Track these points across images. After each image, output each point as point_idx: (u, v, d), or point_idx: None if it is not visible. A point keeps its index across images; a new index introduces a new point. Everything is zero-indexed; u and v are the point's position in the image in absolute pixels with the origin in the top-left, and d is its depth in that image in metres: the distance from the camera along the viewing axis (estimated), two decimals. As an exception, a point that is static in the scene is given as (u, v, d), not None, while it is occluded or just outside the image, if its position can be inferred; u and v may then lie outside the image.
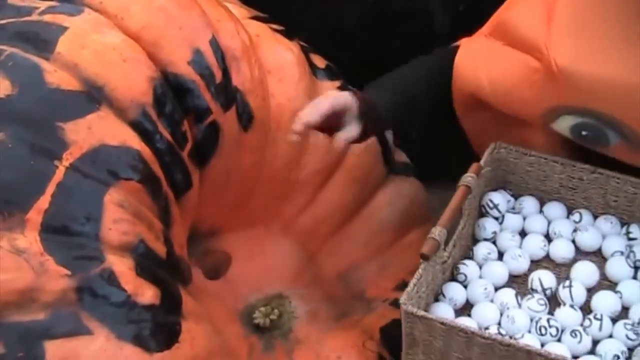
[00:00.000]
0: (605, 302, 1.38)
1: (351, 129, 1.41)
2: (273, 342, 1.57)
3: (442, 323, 1.25)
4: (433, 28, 2.11)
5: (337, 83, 1.74)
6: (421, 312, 1.26)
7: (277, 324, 1.60)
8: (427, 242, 1.32)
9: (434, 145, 1.91)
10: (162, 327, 1.25)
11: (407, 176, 1.82)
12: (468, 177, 1.44)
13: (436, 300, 1.40)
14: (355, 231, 1.74)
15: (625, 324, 1.33)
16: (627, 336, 1.32)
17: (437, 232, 1.34)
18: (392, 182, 1.78)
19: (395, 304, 1.39)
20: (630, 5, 1.33)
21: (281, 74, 1.61)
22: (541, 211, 1.55)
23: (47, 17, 1.39)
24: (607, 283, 1.44)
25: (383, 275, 1.72)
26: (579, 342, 1.31)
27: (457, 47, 1.55)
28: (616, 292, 1.40)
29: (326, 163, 1.66)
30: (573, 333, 1.31)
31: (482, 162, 1.48)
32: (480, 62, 1.48)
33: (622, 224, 1.51)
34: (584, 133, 1.41)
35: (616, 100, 1.33)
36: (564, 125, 1.42)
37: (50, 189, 1.21)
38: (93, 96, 1.32)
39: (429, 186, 1.85)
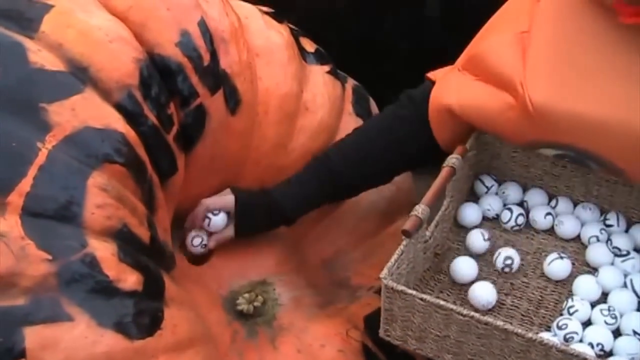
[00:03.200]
0: (585, 287, 1.40)
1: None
2: (256, 329, 1.56)
3: (421, 299, 1.25)
4: (424, 11, 2.09)
5: (327, 67, 1.72)
6: (401, 287, 1.26)
7: (260, 311, 1.58)
8: (410, 219, 1.32)
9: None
10: (144, 314, 1.23)
11: (394, 163, 1.81)
12: (453, 159, 1.43)
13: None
14: (341, 218, 1.73)
15: (601, 309, 1.34)
16: (605, 322, 1.33)
17: (420, 210, 1.33)
18: (380, 169, 1.77)
19: (380, 292, 1.38)
20: (604, 43, 1.33)
21: (270, 57, 1.59)
22: (524, 200, 1.56)
23: (32, -6, 1.36)
24: (586, 269, 1.45)
25: (368, 263, 1.71)
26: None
27: (428, 84, 1.55)
28: (596, 278, 1.42)
29: (313, 148, 1.64)
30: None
31: (467, 145, 1.48)
32: (453, 96, 1.46)
33: (602, 213, 1.52)
34: (566, 160, 1.45)
35: (594, 136, 1.34)
36: (546, 152, 1.45)
37: (32, 171, 1.19)
38: (77, 77, 1.29)
39: (416, 174, 1.83)
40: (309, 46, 1.72)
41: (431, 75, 1.57)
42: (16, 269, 1.14)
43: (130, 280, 1.23)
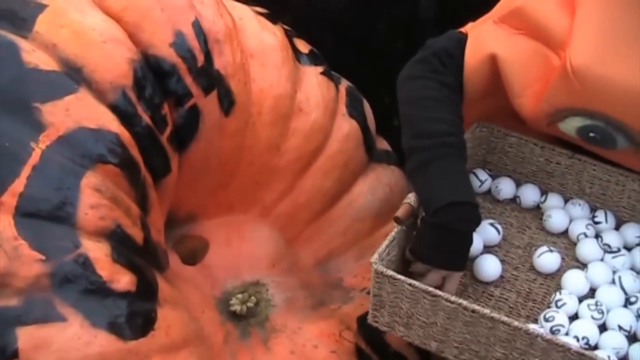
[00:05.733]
0: (573, 281, 1.40)
1: None
2: (249, 329, 1.56)
3: (410, 284, 1.25)
4: (418, 13, 2.10)
5: (320, 68, 1.72)
6: (390, 272, 1.27)
7: (253, 312, 1.58)
8: (402, 207, 1.33)
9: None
10: (138, 314, 1.23)
11: (387, 164, 1.81)
12: None
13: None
14: (334, 219, 1.72)
15: (588, 304, 1.35)
16: (592, 316, 1.33)
17: (413, 197, 1.34)
18: (373, 170, 1.77)
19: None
20: None
21: (264, 58, 1.59)
22: (517, 195, 1.57)
23: (26, -6, 1.36)
24: (575, 264, 1.46)
25: (361, 264, 1.71)
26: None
27: (459, 35, 1.47)
28: (585, 273, 1.42)
29: (307, 149, 1.64)
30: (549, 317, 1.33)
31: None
32: (493, 46, 1.40)
33: (593, 211, 1.52)
34: (591, 135, 1.39)
35: (631, 107, 1.30)
36: (571, 125, 1.39)
37: (26, 171, 1.19)
38: (71, 77, 1.29)
39: (410, 175, 1.83)
40: (303, 47, 1.72)
41: (462, 29, 1.48)
42: (9, 269, 1.14)
43: (124, 280, 1.23)
